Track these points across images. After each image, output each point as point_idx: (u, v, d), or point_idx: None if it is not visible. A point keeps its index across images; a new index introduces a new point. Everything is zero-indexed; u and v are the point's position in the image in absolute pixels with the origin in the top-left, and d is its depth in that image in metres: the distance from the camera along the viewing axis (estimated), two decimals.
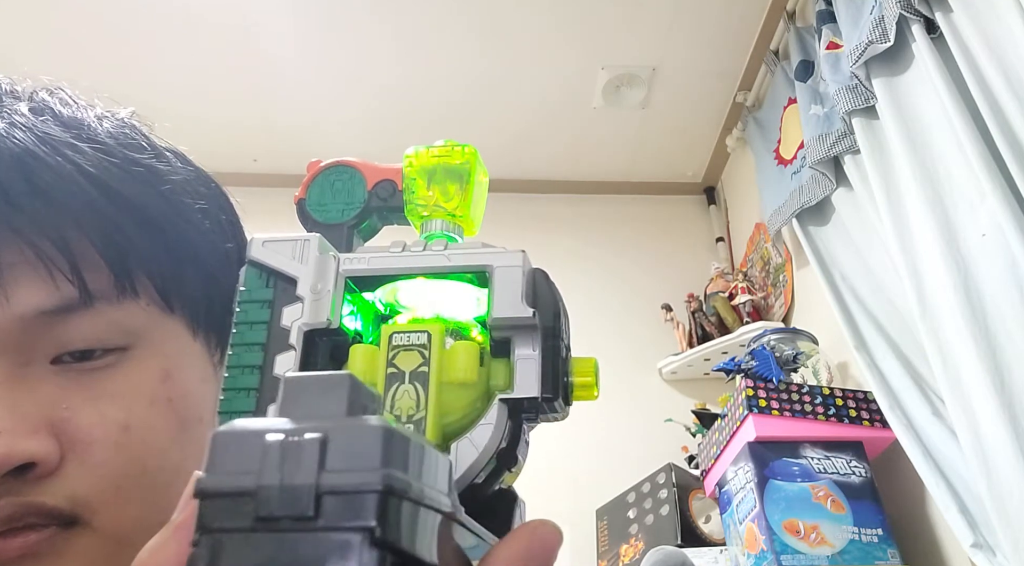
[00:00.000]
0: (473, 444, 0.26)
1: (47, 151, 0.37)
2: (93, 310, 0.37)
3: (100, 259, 0.37)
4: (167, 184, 0.42)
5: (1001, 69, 1.25)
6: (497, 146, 2.55)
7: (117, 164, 0.39)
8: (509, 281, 0.28)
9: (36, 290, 0.36)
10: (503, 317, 0.28)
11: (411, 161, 0.33)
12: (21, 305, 0.35)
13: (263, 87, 2.30)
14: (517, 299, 0.28)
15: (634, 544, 1.80)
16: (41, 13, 2.03)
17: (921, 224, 1.39)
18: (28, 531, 0.34)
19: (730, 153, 2.56)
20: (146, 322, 0.39)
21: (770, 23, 2.16)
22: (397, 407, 0.26)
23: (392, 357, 0.27)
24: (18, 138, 0.37)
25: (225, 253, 0.44)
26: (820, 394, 1.59)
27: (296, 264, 0.29)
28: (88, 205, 0.37)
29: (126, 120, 0.43)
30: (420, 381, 0.26)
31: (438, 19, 2.13)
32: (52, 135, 0.38)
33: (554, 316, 0.28)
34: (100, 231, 0.37)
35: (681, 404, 2.18)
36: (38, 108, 0.40)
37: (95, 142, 0.39)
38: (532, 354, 0.27)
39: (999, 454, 1.17)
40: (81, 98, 0.43)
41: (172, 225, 0.41)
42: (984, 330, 1.23)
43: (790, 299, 2.11)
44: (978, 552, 1.25)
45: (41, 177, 0.36)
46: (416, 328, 0.27)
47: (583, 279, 2.43)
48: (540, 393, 0.27)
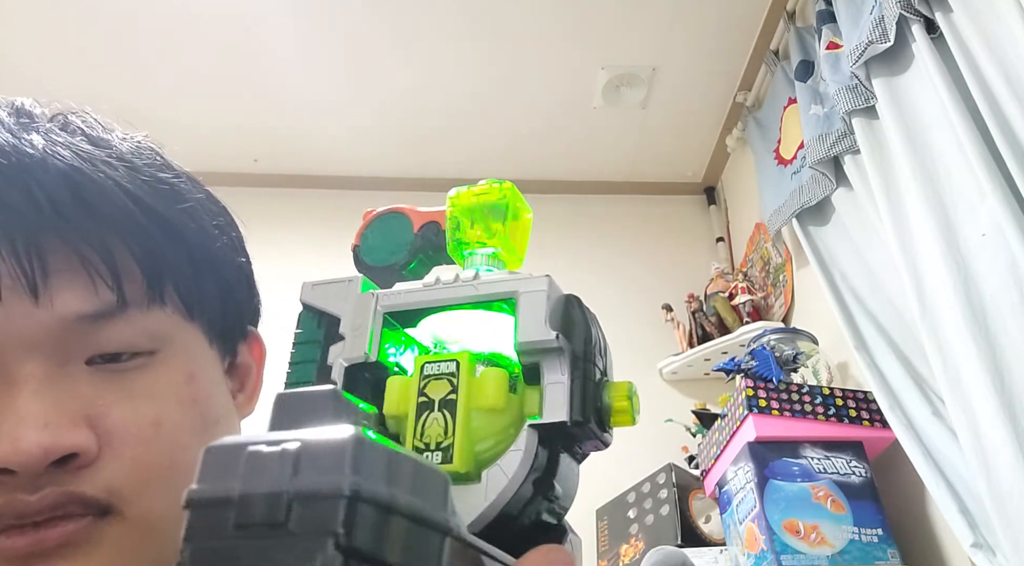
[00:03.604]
0: (503, 471, 0.25)
1: (89, 167, 0.40)
2: (127, 316, 0.40)
3: (136, 269, 0.40)
4: (189, 202, 0.45)
5: (1001, 69, 1.25)
6: (497, 146, 2.55)
7: (147, 181, 0.43)
8: (533, 306, 0.28)
9: (78, 295, 0.38)
10: (527, 341, 0.28)
11: (453, 202, 0.34)
12: (64, 309, 0.38)
13: (265, 89, 2.30)
14: (541, 323, 0.28)
15: (634, 544, 1.80)
16: (44, 17, 2.03)
17: (921, 224, 1.39)
18: (66, 521, 0.37)
19: (730, 153, 2.56)
20: (171, 328, 0.42)
21: (770, 23, 2.16)
22: (426, 435, 0.26)
23: (423, 386, 0.27)
24: (61, 155, 0.39)
25: (238, 266, 0.49)
26: (820, 394, 1.59)
27: (340, 303, 0.31)
28: (127, 218, 0.40)
29: (144, 142, 0.46)
30: (449, 409, 0.27)
31: (438, 20, 2.13)
32: (89, 152, 0.41)
33: (584, 341, 0.28)
34: (137, 242, 0.41)
35: (681, 404, 2.18)
36: (69, 128, 0.43)
37: (124, 161, 0.42)
38: (561, 379, 0.27)
39: (999, 454, 1.17)
40: (103, 120, 0.46)
41: (195, 239, 0.45)
42: (984, 330, 1.23)
43: (790, 299, 2.11)
44: (978, 552, 1.25)
45: (86, 190, 0.39)
46: (446, 357, 0.28)
47: (583, 279, 2.42)
48: (569, 418, 0.26)
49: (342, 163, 2.59)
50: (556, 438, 0.26)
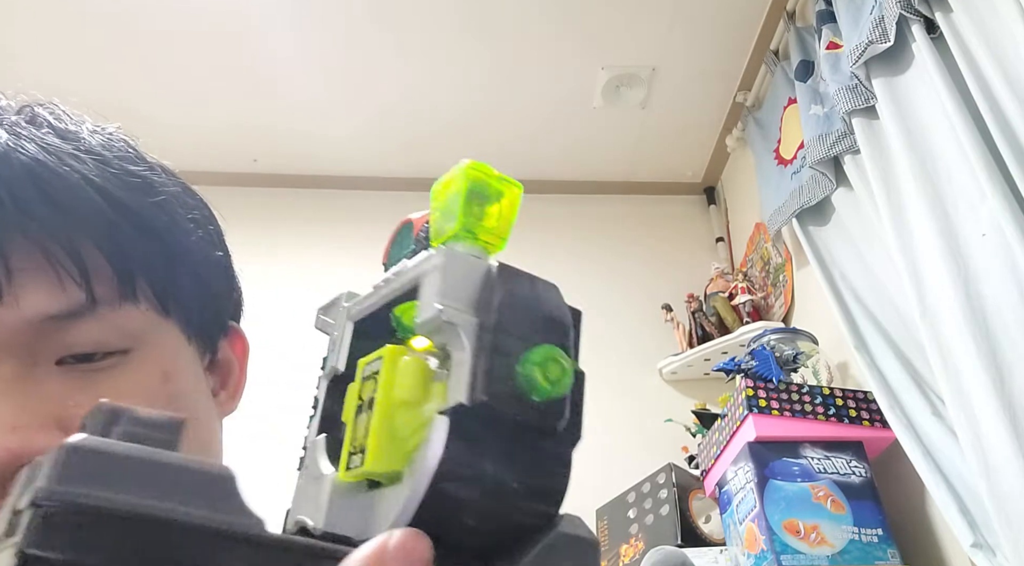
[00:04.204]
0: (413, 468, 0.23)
1: (54, 161, 0.38)
2: (97, 314, 0.38)
3: (106, 265, 0.39)
4: (161, 195, 0.43)
5: (1001, 69, 1.25)
6: (497, 146, 2.55)
7: (116, 174, 0.41)
8: (431, 284, 0.25)
9: (45, 294, 0.37)
10: (420, 321, 0.25)
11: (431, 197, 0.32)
12: (31, 309, 0.37)
13: (265, 89, 2.30)
14: (432, 300, 0.25)
15: (634, 544, 1.80)
16: (43, 17, 2.03)
17: (921, 224, 1.39)
18: None
19: (730, 153, 2.56)
20: (145, 326, 0.41)
21: (770, 23, 2.16)
22: (356, 437, 0.25)
23: (361, 389, 0.26)
24: (25, 148, 0.38)
25: (216, 261, 0.47)
26: (820, 394, 1.59)
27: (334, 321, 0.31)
28: (95, 213, 0.39)
29: (115, 134, 0.45)
30: (373, 408, 0.25)
31: (438, 20, 2.13)
32: (56, 146, 0.40)
33: (496, 310, 0.24)
34: (106, 238, 0.39)
35: (681, 404, 2.18)
36: (36, 121, 0.41)
37: (93, 154, 0.41)
38: (464, 357, 0.24)
39: (999, 454, 1.17)
40: (73, 112, 0.44)
41: (168, 233, 0.43)
42: (984, 330, 1.23)
43: (790, 299, 2.11)
44: (978, 552, 1.25)
45: (51, 185, 0.38)
46: (376, 355, 0.26)
47: (583, 279, 2.43)
48: (468, 398, 0.23)
49: (342, 163, 2.59)
50: (473, 425, 0.23)
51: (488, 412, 0.23)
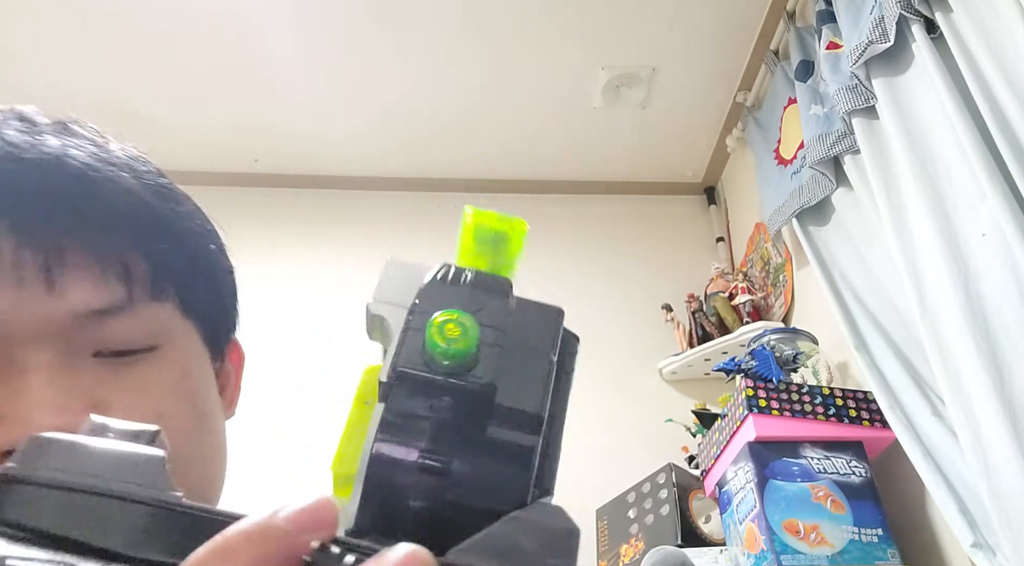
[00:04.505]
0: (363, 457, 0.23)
1: (102, 168, 0.42)
2: (133, 311, 0.42)
3: (143, 266, 0.42)
4: (183, 206, 0.47)
5: (1001, 69, 1.25)
6: (497, 146, 2.55)
7: (148, 184, 0.45)
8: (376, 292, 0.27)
9: (91, 290, 0.40)
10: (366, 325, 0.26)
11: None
12: (76, 302, 0.40)
13: (265, 89, 2.30)
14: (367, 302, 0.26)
15: (634, 544, 1.80)
16: (43, 17, 2.03)
17: (921, 224, 1.39)
18: None
19: (730, 153, 2.56)
20: (170, 325, 0.44)
21: (770, 23, 2.16)
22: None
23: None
24: (75, 155, 0.41)
25: (227, 271, 0.51)
26: (820, 394, 1.59)
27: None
28: (136, 218, 0.43)
29: (136, 149, 0.48)
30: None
31: (437, 20, 2.13)
32: (98, 155, 0.43)
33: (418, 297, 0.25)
34: (144, 241, 0.43)
35: (681, 404, 2.17)
36: (76, 133, 0.45)
37: (127, 164, 0.45)
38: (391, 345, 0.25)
39: (999, 454, 1.17)
40: (99, 129, 0.47)
41: (191, 240, 0.47)
42: (984, 330, 1.23)
43: (790, 299, 2.11)
44: (978, 552, 1.25)
45: (102, 190, 0.42)
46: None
47: (583, 279, 2.43)
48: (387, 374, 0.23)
49: (342, 163, 2.59)
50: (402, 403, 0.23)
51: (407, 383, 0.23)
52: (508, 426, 0.24)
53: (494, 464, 0.23)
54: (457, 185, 2.64)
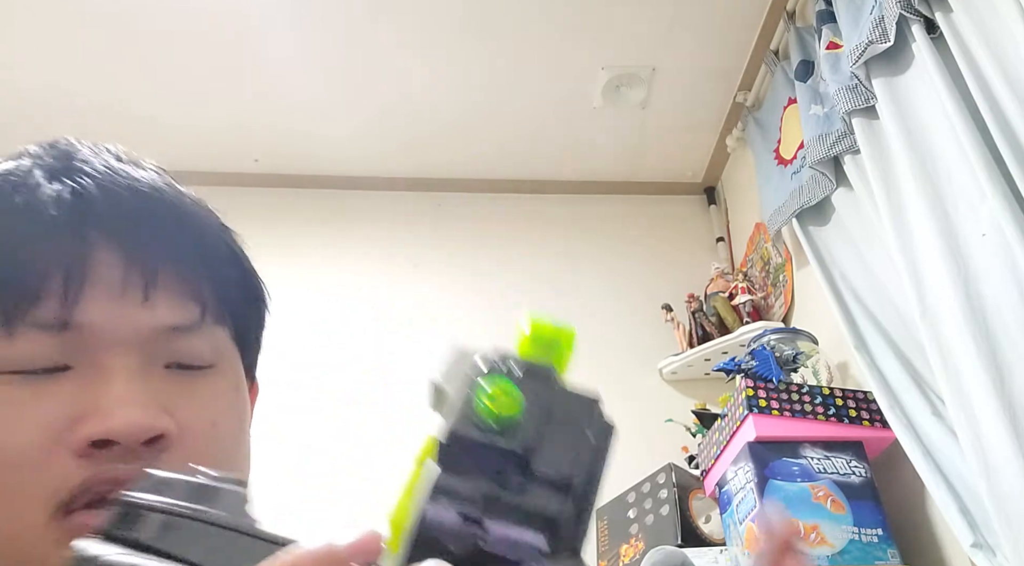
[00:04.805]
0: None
1: (169, 191, 0.48)
2: (202, 331, 0.47)
3: (212, 291, 0.48)
4: (240, 244, 0.53)
5: (1001, 69, 1.25)
6: (497, 146, 2.55)
7: (217, 220, 0.51)
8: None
9: (176, 307, 0.46)
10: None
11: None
12: (163, 317, 0.45)
13: (265, 88, 2.30)
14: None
15: (634, 544, 1.80)
16: (43, 16, 2.03)
17: (921, 224, 1.39)
18: None
19: (730, 153, 2.56)
20: (224, 345, 0.49)
21: (770, 23, 2.16)
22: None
23: None
24: (142, 177, 0.47)
25: (269, 309, 0.56)
26: (820, 394, 1.59)
27: None
28: (214, 248, 0.49)
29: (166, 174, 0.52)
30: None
31: (437, 20, 2.13)
32: (156, 181, 0.48)
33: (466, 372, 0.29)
34: (217, 270, 0.49)
35: (681, 404, 2.17)
36: (142, 166, 0.49)
37: (197, 200, 0.50)
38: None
39: (999, 454, 1.17)
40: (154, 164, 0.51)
41: (250, 277, 0.53)
42: (984, 330, 1.23)
43: (790, 299, 2.11)
44: (978, 552, 1.25)
45: (190, 220, 0.48)
46: None
47: (583, 279, 2.43)
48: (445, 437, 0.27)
49: (342, 163, 2.58)
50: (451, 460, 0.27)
51: (458, 444, 0.27)
52: (543, 489, 0.27)
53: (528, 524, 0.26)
54: (457, 185, 2.64)
